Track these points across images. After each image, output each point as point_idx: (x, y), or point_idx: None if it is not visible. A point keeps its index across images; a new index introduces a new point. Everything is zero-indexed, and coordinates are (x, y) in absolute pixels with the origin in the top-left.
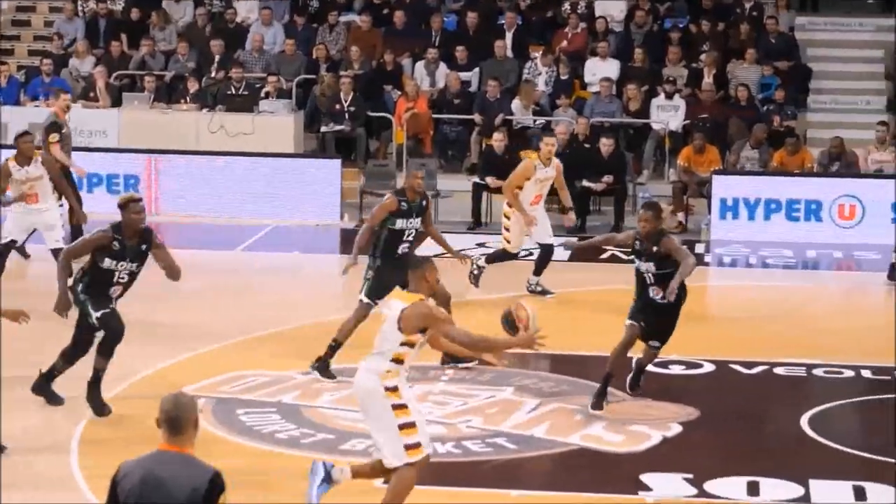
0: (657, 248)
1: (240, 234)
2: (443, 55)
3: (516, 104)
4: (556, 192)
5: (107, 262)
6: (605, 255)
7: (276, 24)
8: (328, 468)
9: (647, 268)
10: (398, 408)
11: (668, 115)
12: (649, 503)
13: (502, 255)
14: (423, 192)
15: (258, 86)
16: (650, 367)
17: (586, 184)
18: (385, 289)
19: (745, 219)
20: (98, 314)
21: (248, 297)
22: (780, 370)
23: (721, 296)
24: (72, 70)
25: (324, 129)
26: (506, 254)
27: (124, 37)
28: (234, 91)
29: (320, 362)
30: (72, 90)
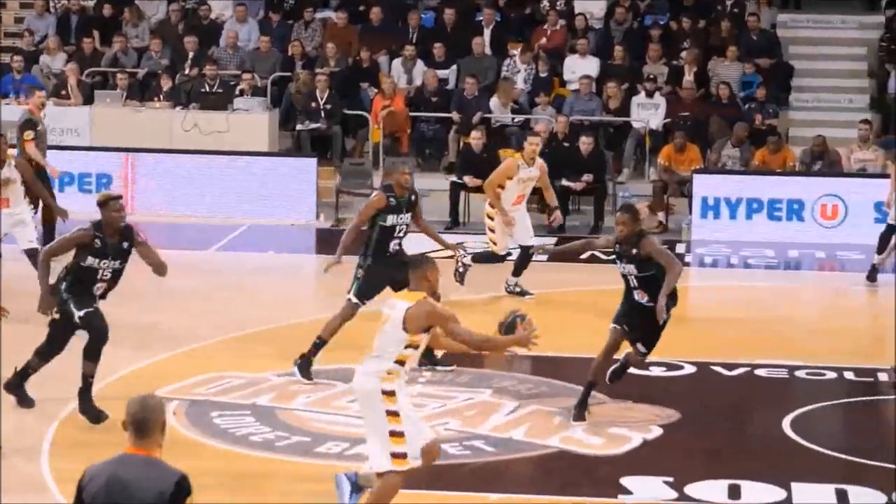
0: (637, 251)
1: (214, 233)
2: (420, 52)
3: (494, 102)
4: (538, 192)
5: (89, 261)
6: (584, 256)
7: (251, 20)
8: (352, 478)
9: (629, 270)
10: (391, 414)
11: (648, 113)
12: None
13: (490, 257)
14: (411, 188)
15: (232, 83)
16: (631, 369)
17: (566, 183)
18: (374, 288)
19: (727, 218)
20: (81, 313)
21: (222, 297)
22: (761, 372)
23: (702, 296)
24: (43, 67)
25: (299, 127)
26: (494, 256)
27: (96, 33)
28: (208, 89)
29: (303, 359)
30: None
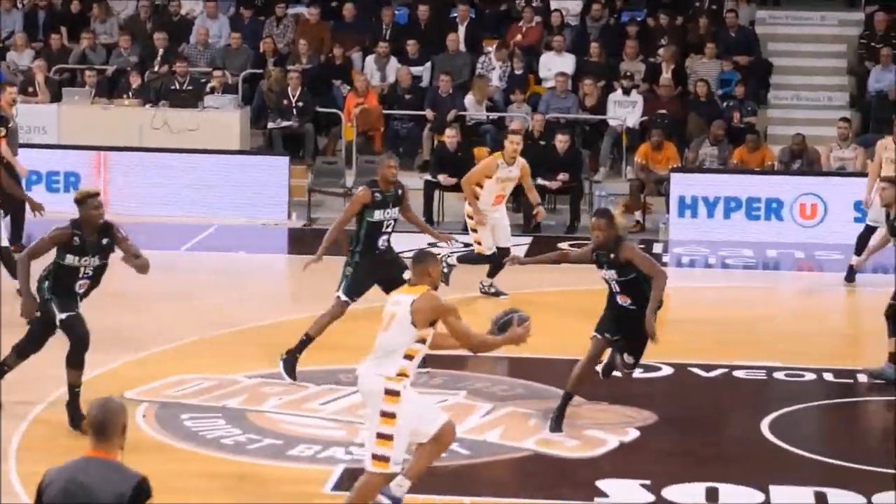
0: (615, 256)
1: (184, 233)
2: (393, 49)
3: (469, 100)
4: (520, 191)
5: (69, 259)
6: None
7: (222, 16)
8: (391, 494)
9: (610, 276)
10: (385, 415)
11: (625, 111)
12: None
13: (476, 258)
14: (397, 181)
15: (203, 80)
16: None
17: (541, 182)
18: (363, 285)
19: (704, 218)
20: (63, 316)
21: (193, 298)
22: (739, 373)
23: (680, 297)
24: (9, 64)
25: (271, 125)
26: (480, 256)
27: (64, 29)
28: (178, 86)
29: (289, 355)
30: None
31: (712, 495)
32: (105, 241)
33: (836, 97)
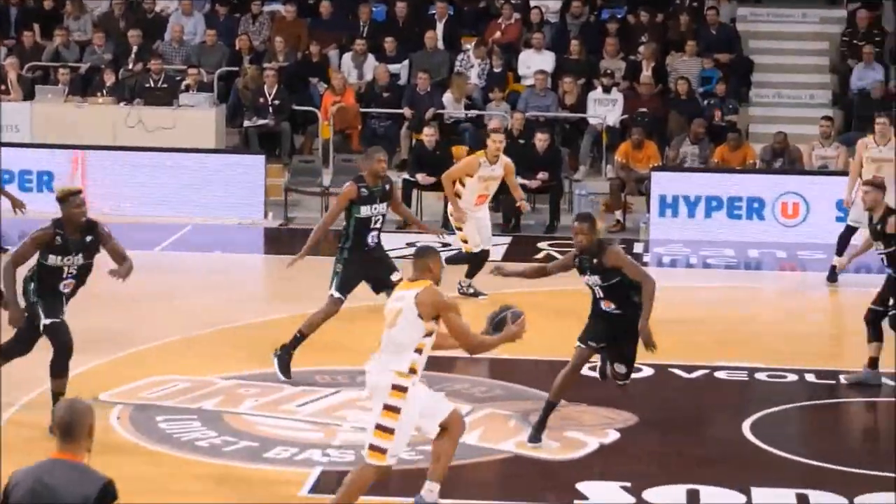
0: (598, 261)
1: (158, 233)
2: (371, 47)
3: (447, 98)
4: (500, 191)
5: (52, 259)
6: (539, 255)
7: (197, 13)
8: (425, 502)
9: (594, 281)
10: (389, 409)
11: (605, 109)
12: None
13: (464, 258)
14: (385, 176)
15: (178, 78)
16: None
17: (520, 181)
18: (353, 281)
19: (685, 217)
20: (47, 322)
21: (167, 299)
22: (721, 374)
23: (660, 297)
24: None
25: (247, 123)
26: (469, 256)
27: (37, 26)
28: (152, 84)
29: (283, 350)
30: None
31: (693, 497)
32: (89, 238)
33: (819, 95)
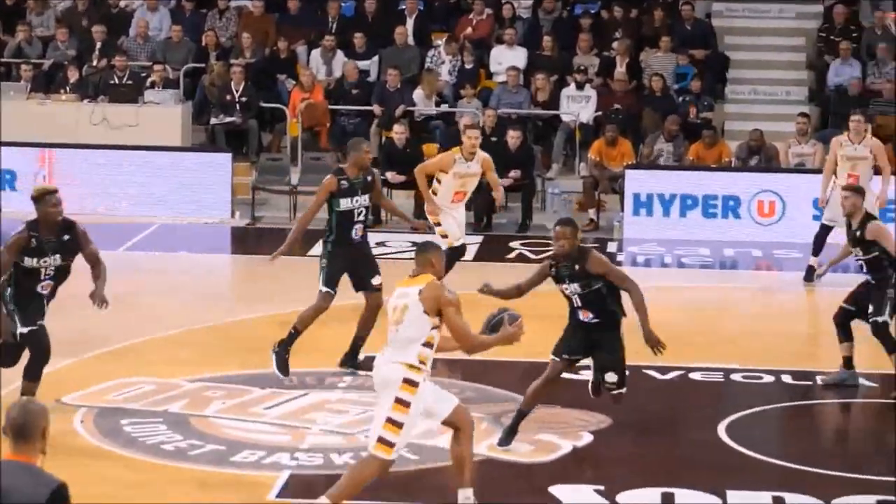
0: (579, 267)
1: (123, 233)
2: (340, 43)
3: (418, 94)
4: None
5: (27, 262)
6: (512, 255)
7: (163, 8)
8: None
9: (573, 290)
10: (400, 402)
11: (578, 106)
12: None
13: (448, 255)
14: (367, 167)
15: (143, 75)
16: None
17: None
18: (339, 274)
19: (660, 215)
20: (25, 330)
21: (132, 300)
22: (696, 375)
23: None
24: None
25: (213, 121)
26: (451, 251)
27: None
28: (117, 80)
29: (280, 347)
30: None
31: (668, 501)
32: (66, 238)
33: (795, 92)
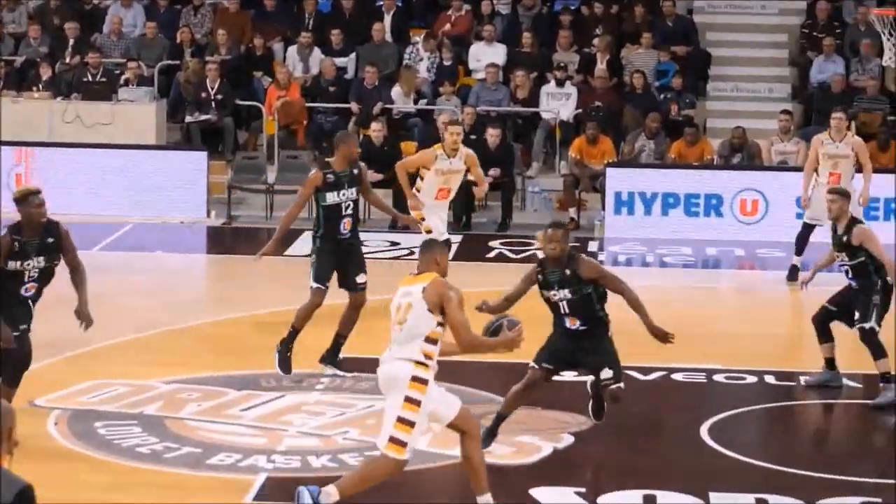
0: (570, 272)
1: (97, 232)
2: (316, 39)
3: (396, 92)
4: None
5: (11, 265)
6: (491, 255)
7: (136, 5)
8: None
9: (563, 296)
10: (411, 401)
11: (558, 103)
12: None
13: None
14: (355, 160)
15: (117, 72)
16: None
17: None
18: (329, 269)
19: (641, 214)
20: None
21: (106, 301)
22: (678, 376)
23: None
24: None
25: (188, 118)
26: None
27: None
28: (90, 78)
29: (282, 346)
30: None
31: (650, 503)
32: (50, 240)
33: (778, 89)
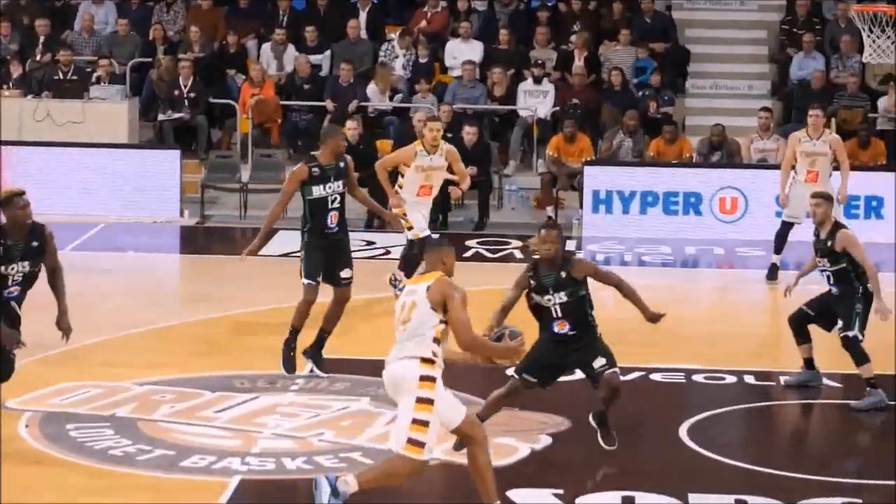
0: (565, 274)
1: (68, 232)
2: (291, 36)
3: (371, 89)
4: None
5: None
6: (468, 254)
7: (108, 2)
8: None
9: (557, 299)
10: (423, 401)
11: (536, 101)
12: None
13: (412, 259)
14: (342, 154)
15: (88, 70)
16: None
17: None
18: (318, 264)
19: (620, 213)
20: None
21: (78, 301)
22: (656, 376)
23: (594, 297)
24: None
25: (161, 117)
26: (417, 242)
27: None
28: (61, 76)
29: (285, 345)
30: None
31: None
32: (35, 244)
33: (757, 86)
